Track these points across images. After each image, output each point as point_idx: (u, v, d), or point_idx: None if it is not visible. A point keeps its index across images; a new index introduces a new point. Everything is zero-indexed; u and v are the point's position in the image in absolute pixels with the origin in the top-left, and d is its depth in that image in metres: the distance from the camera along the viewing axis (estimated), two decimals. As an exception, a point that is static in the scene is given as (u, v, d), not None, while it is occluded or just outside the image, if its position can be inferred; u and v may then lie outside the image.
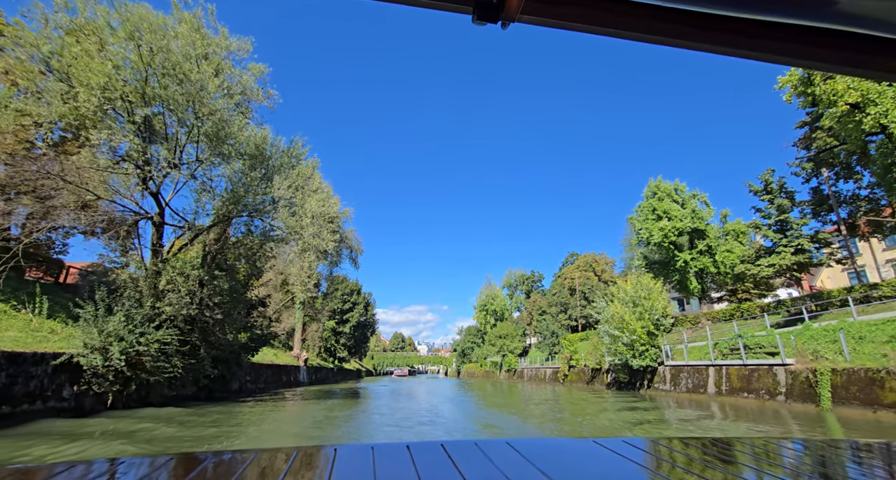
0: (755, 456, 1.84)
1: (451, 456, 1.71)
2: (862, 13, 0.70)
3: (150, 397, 15.95)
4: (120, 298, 15.28)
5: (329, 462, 1.62)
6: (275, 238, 18.13)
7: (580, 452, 1.90)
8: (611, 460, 1.73)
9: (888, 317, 18.52)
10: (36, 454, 7.83)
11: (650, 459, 1.77)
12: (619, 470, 1.61)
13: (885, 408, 15.06)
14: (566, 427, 14.40)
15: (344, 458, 1.67)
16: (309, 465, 1.62)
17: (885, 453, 1.95)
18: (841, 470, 1.71)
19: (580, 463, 1.73)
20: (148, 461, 1.65)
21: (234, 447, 9.33)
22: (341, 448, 1.81)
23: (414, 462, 1.63)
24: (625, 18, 0.76)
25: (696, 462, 1.77)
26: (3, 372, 11.12)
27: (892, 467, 1.78)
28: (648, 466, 1.67)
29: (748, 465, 1.71)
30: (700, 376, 24.39)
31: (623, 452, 1.82)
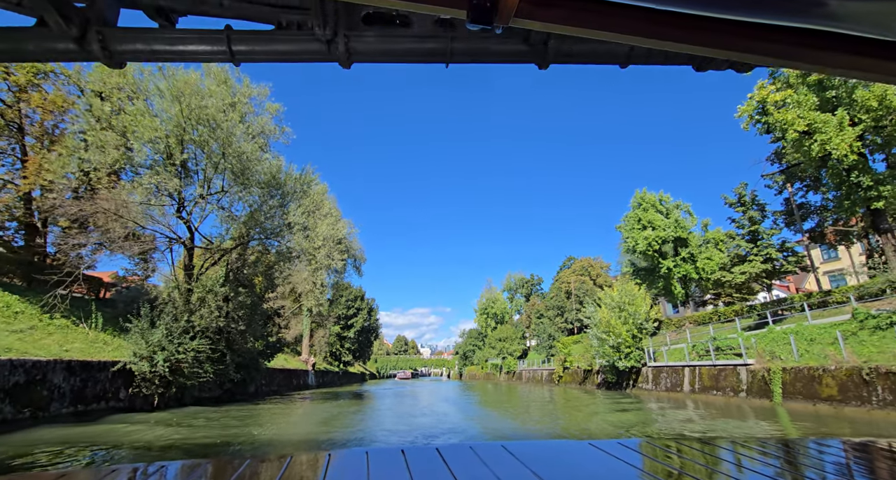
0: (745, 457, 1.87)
1: (446, 461, 1.72)
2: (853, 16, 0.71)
3: (184, 398, 18.63)
4: (160, 313, 17.97)
5: (323, 467, 1.64)
6: (289, 257, 20.84)
7: (575, 454, 1.93)
8: (605, 462, 1.74)
9: (836, 321, 21.01)
10: (147, 437, 10.50)
11: (645, 461, 1.78)
12: (613, 473, 1.62)
13: (822, 401, 17.58)
14: (553, 420, 16.99)
15: (338, 464, 1.69)
16: (302, 471, 1.63)
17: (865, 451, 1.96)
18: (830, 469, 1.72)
19: (575, 466, 1.75)
20: (141, 468, 1.68)
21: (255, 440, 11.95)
22: (335, 453, 1.84)
23: (409, 467, 1.65)
24: (613, 20, 0.78)
25: (690, 462, 1.79)
26: (78, 377, 13.84)
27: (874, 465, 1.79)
28: (643, 468, 1.68)
29: (739, 465, 1.75)
30: (677, 376, 26.91)
31: (618, 454, 1.84)
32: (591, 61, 4.98)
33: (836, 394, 17.12)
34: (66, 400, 13.28)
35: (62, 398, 13.18)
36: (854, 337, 19.04)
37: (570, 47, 4.67)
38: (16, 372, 11.77)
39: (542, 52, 4.61)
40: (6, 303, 14.86)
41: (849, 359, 17.39)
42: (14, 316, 14.54)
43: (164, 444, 10.21)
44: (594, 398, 27.96)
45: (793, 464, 1.78)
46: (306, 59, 4.56)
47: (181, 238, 19.28)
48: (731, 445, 2.12)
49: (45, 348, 13.84)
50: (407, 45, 4.42)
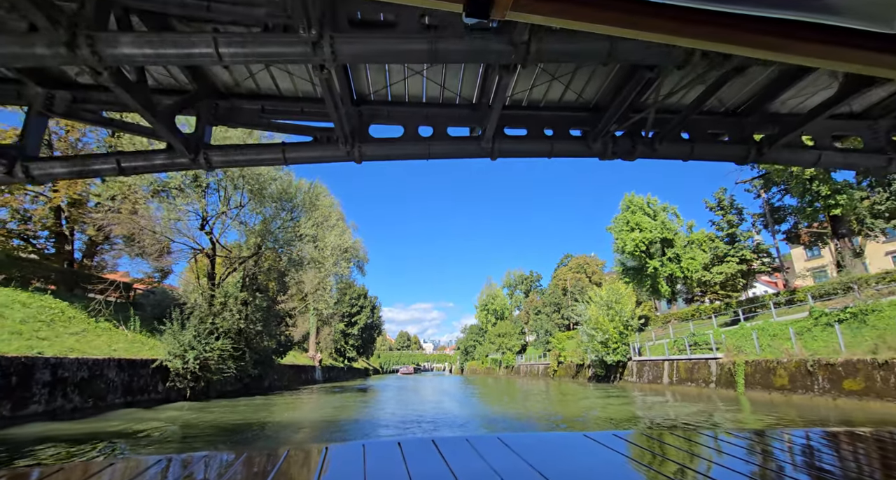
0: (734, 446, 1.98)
1: (441, 453, 1.79)
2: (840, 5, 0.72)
3: (210, 391, 21.24)
4: (188, 316, 20.53)
5: (319, 460, 1.72)
6: (300, 264, 23.35)
7: (569, 446, 2.02)
8: (599, 453, 1.82)
9: (796, 319, 23.39)
10: (190, 421, 13.06)
11: (637, 451, 1.88)
12: (606, 463, 1.71)
13: (776, 390, 20.05)
14: (545, 407, 19.54)
15: (334, 456, 1.77)
16: (299, 463, 1.70)
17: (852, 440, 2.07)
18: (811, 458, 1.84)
19: (569, 457, 1.83)
20: (139, 461, 1.76)
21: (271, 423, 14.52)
22: (332, 446, 1.91)
23: (404, 459, 1.72)
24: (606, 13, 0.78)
25: (682, 451, 1.89)
26: (126, 373, 16.44)
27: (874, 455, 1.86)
28: (635, 457, 1.77)
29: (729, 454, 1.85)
30: (658, 369, 29.42)
31: (611, 444, 1.92)
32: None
33: (787, 384, 19.59)
34: (118, 392, 15.89)
35: (115, 390, 15.78)
36: (809, 332, 21.43)
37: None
38: (82, 369, 14.36)
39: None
40: (61, 309, 17.41)
41: (799, 353, 19.83)
42: (69, 321, 17.10)
43: (206, 425, 12.76)
44: (585, 389, 30.51)
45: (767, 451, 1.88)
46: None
47: (204, 248, 21.80)
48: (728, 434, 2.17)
49: (98, 348, 16.42)
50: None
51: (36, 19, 3.99)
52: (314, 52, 4.59)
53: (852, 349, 17.85)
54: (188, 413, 15.18)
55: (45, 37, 4.08)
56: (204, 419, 14.17)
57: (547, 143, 7.01)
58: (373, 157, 6.87)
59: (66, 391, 13.68)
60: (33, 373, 12.65)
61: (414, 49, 4.70)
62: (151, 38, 4.48)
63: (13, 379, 12.04)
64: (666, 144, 6.90)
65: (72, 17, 4.20)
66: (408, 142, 6.95)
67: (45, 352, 13.52)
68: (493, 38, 4.61)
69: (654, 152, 6.86)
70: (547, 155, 7.06)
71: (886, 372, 15.77)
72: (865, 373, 16.49)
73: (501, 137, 6.92)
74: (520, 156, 7.19)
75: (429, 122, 6.94)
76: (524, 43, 4.54)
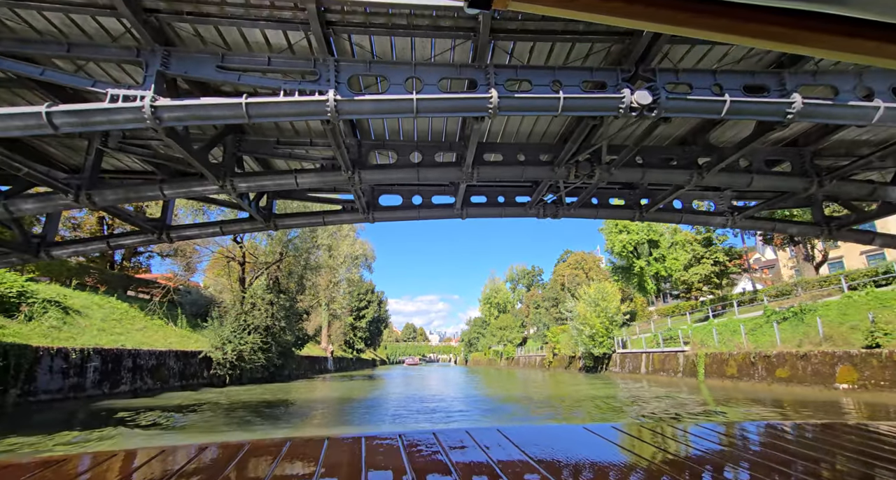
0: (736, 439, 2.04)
1: (442, 445, 1.81)
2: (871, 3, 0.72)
3: (242, 378, 25.37)
4: (224, 314, 24.59)
5: (319, 451, 1.74)
6: (317, 268, 27.26)
7: (569, 438, 2.05)
8: (599, 445, 1.85)
9: (754, 316, 26.86)
10: (236, 399, 17.06)
11: (638, 443, 1.88)
12: (606, 455, 1.72)
13: (727, 379, 23.70)
14: (541, 392, 23.43)
15: (335, 447, 1.80)
16: (300, 454, 1.73)
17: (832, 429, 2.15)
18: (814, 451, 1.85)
19: (569, 449, 1.85)
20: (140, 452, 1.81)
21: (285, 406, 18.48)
22: (332, 437, 1.95)
23: (404, 451, 1.74)
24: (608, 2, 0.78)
25: (682, 444, 1.91)
26: (181, 362, 20.52)
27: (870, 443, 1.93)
28: (636, 450, 1.77)
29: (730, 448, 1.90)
30: (637, 360, 33.15)
31: (611, 437, 1.95)
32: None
33: (736, 373, 23.24)
34: (176, 377, 20.00)
35: (174, 376, 19.89)
36: (760, 329, 24.97)
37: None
38: (151, 358, 18.43)
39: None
40: (124, 310, 21.48)
41: (746, 347, 23.45)
42: (132, 319, 21.17)
43: (250, 400, 16.71)
44: (575, 377, 34.38)
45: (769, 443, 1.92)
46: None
47: (236, 258, 25.78)
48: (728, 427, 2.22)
49: (158, 341, 20.50)
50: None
51: (205, 173, 7.72)
52: (349, 180, 8.34)
53: (785, 343, 21.41)
54: (233, 394, 19.23)
55: (210, 181, 7.82)
56: (247, 396, 18.20)
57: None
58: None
59: (142, 375, 17.78)
60: (121, 361, 16.72)
61: (410, 169, 8.38)
62: (262, 176, 8.32)
63: (110, 365, 16.11)
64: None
65: (221, 167, 7.96)
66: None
67: (125, 345, 17.58)
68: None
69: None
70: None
71: (805, 362, 19.39)
72: (791, 363, 20.11)
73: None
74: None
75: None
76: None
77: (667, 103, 6.28)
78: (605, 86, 6.42)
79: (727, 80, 6.40)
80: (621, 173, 8.61)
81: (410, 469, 1.53)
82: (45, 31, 5.93)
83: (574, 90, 6.34)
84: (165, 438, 9.57)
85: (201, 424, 11.79)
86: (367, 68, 6.30)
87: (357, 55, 6.59)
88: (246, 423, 11.89)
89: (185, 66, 5.95)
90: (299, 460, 1.66)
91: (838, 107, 6.18)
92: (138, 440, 9.24)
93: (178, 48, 6.11)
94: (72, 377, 14.41)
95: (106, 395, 15.66)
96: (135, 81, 6.29)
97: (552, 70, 6.45)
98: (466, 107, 6.35)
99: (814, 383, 18.68)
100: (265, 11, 5.77)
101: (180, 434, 10.28)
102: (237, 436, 10.07)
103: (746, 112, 6.39)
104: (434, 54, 6.66)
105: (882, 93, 6.26)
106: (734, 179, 8.58)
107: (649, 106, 6.20)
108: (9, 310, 14.61)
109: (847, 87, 6.28)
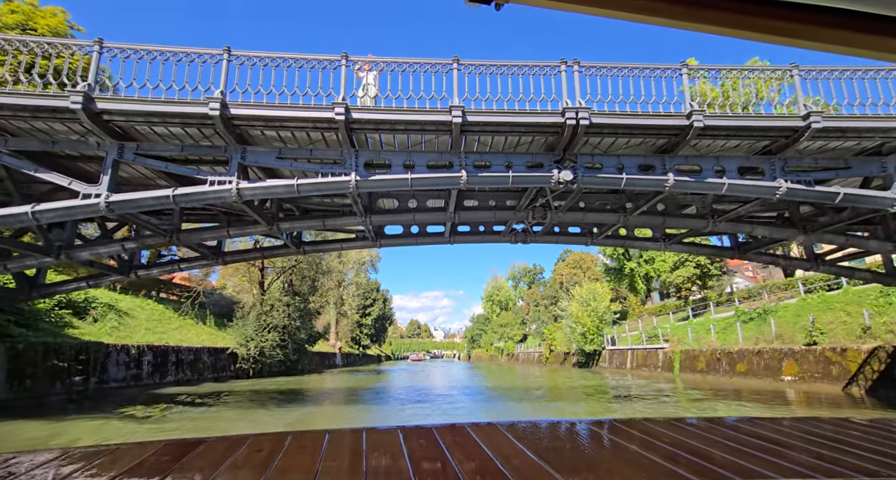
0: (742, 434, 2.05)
1: (441, 440, 1.84)
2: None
3: (262, 372, 28.64)
4: (246, 315, 27.82)
5: (320, 445, 1.77)
6: (328, 272, 30.38)
7: (570, 434, 2.06)
8: (600, 440, 1.87)
9: (727, 316, 29.66)
10: (263, 389, 20.28)
11: (639, 439, 1.88)
12: (607, 451, 1.73)
13: (698, 373, 26.62)
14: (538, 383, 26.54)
15: (336, 442, 1.82)
16: (301, 448, 1.76)
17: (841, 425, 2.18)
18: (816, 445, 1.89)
19: (568, 444, 1.88)
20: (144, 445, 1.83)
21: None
22: (333, 432, 1.98)
23: (404, 445, 1.77)
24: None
25: (684, 441, 1.91)
26: (213, 357, 23.79)
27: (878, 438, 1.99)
28: (637, 446, 1.77)
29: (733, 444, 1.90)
30: (623, 357, 36.13)
31: (612, 432, 1.96)
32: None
33: (705, 368, 26.18)
34: (209, 370, 23.29)
35: (208, 369, 23.17)
36: (730, 328, 27.81)
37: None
38: (189, 353, 21.70)
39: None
40: (161, 310, 24.76)
41: (715, 344, 26.34)
42: (169, 319, 24.44)
43: (274, 389, 19.88)
44: (568, 372, 37.46)
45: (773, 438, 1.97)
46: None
47: (256, 264, 28.94)
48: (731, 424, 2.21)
49: (192, 339, 23.75)
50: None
51: (258, 220, 10.78)
52: (363, 222, 11.42)
53: (746, 341, 24.29)
54: (261, 385, 22.47)
55: (262, 225, 10.90)
56: (274, 386, 21.42)
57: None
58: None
59: (183, 368, 21.05)
60: (167, 356, 19.98)
61: (408, 213, 11.50)
62: (299, 219, 11.44)
63: (159, 359, 19.37)
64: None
65: (269, 214, 11.04)
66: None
67: (168, 342, 20.84)
68: None
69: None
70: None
71: (759, 358, 22.29)
72: (748, 359, 23.02)
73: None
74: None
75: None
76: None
77: (583, 180, 9.26)
78: (542, 165, 9.42)
79: (627, 161, 9.38)
80: (567, 216, 11.58)
81: (410, 462, 1.55)
82: (164, 135, 9.01)
83: (520, 169, 9.36)
84: (225, 414, 12.72)
85: (250, 404, 14.93)
86: (377, 155, 9.37)
87: (371, 145, 9.61)
88: (283, 403, 15.08)
89: (256, 158, 9.01)
90: (301, 452, 1.70)
91: (699, 183, 9.13)
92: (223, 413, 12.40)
93: (251, 146, 9.15)
94: (132, 369, 17.65)
95: (157, 384, 18.92)
96: (224, 169, 9.35)
97: (506, 154, 9.49)
98: (444, 183, 9.37)
99: (765, 376, 21.59)
100: (311, 122, 8.79)
101: (233, 410, 13.42)
102: (279, 412, 13.21)
103: (638, 184, 9.37)
104: (423, 141, 9.66)
105: (730, 171, 9.21)
106: (651, 220, 11.54)
107: (571, 181, 9.17)
108: (79, 313, 17.84)
109: (708, 167, 9.23)
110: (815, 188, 8.98)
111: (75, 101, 7.65)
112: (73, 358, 14.80)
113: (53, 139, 8.66)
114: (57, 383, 14.18)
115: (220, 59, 8.50)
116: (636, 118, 8.77)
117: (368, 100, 9.25)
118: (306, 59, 8.74)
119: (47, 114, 7.95)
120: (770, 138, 9.13)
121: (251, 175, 9.65)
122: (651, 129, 8.92)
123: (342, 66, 8.79)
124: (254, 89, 8.56)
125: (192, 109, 8.19)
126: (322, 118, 8.62)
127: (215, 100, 8.04)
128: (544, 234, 13.60)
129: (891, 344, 16.47)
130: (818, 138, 8.88)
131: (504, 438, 1.87)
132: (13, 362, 12.81)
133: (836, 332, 19.87)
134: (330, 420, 12.97)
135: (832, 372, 18.38)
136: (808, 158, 9.44)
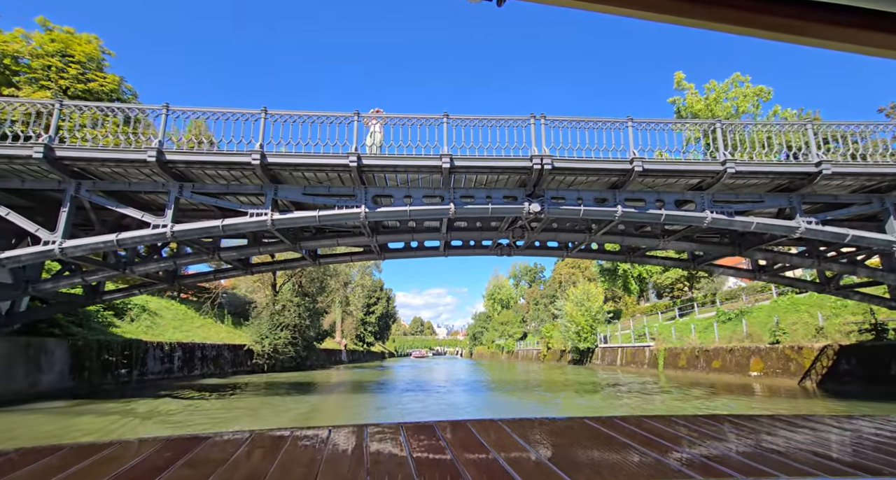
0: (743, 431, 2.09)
1: (442, 436, 1.87)
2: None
3: (276, 367, 31.17)
4: (260, 314, 30.31)
5: (322, 442, 1.79)
6: (335, 275, 32.80)
7: (571, 430, 2.08)
8: (600, 437, 1.88)
9: (709, 316, 31.82)
10: (276, 381, 22.76)
11: (640, 436, 1.90)
12: (607, 448, 1.74)
13: (679, 369, 28.89)
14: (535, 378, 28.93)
15: (337, 439, 1.84)
16: (303, 444, 1.79)
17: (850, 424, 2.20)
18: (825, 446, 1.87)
19: (571, 442, 1.89)
20: (144, 441, 1.84)
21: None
22: (334, 428, 2.00)
23: (405, 442, 1.79)
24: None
25: (688, 438, 1.93)
26: (233, 353, 26.31)
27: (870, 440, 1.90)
28: (637, 443, 1.79)
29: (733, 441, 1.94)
30: (614, 354, 38.42)
31: (613, 430, 1.98)
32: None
33: (685, 364, 28.44)
34: (229, 365, 25.82)
35: (228, 364, 25.69)
36: (711, 327, 29.98)
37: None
38: (212, 350, 24.21)
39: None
40: (184, 310, 27.27)
41: (695, 343, 28.56)
42: (191, 319, 26.95)
43: (290, 381, 22.32)
44: (563, 369, 39.83)
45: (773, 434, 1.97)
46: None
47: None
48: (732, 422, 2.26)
49: (213, 337, 26.26)
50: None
51: (284, 240, 13.16)
52: (370, 241, 13.80)
53: (722, 340, 26.51)
54: (273, 378, 24.97)
55: (287, 245, 13.27)
56: (290, 380, 23.89)
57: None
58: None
59: (207, 363, 23.58)
60: (194, 352, 22.50)
61: (407, 233, 13.88)
62: (317, 239, 13.86)
63: (187, 355, 21.88)
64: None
65: (293, 235, 13.43)
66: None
67: (194, 340, 23.34)
68: None
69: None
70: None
71: (731, 356, 24.54)
72: (722, 356, 25.26)
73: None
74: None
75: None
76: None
77: (549, 211, 11.56)
78: (516, 198, 11.73)
79: (585, 194, 11.68)
80: (542, 235, 13.94)
81: (411, 458, 1.56)
82: (213, 176, 11.37)
83: (498, 201, 11.69)
84: (250, 401, 15.16)
85: (269, 393, 17.37)
86: (383, 190, 11.71)
87: (377, 182, 11.94)
88: (298, 392, 17.52)
89: (286, 193, 11.37)
90: (303, 448, 1.72)
91: (641, 213, 11.42)
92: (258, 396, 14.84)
93: (281, 183, 11.51)
94: (166, 363, 20.15)
95: (186, 377, 21.44)
96: (259, 201, 11.70)
97: (487, 189, 11.82)
98: (436, 214, 11.72)
99: (736, 372, 23.84)
100: (329, 167, 11.12)
101: (257, 398, 15.85)
102: (296, 399, 15.63)
103: (593, 214, 11.67)
104: (420, 178, 11.97)
105: (669, 204, 11.49)
106: (613, 238, 13.90)
107: (539, 212, 11.48)
108: (118, 314, 20.35)
109: (651, 200, 11.51)
110: (736, 218, 11.25)
111: (151, 155, 10.03)
112: (119, 353, 17.29)
113: (129, 180, 11.06)
114: (108, 375, 16.67)
115: (258, 116, 10.86)
116: (590, 163, 11.05)
117: (375, 148, 11.58)
118: (326, 116, 11.08)
119: (128, 163, 10.33)
120: (699, 177, 11.39)
121: (280, 204, 12.01)
122: (602, 171, 11.20)
123: (354, 121, 11.12)
124: (285, 141, 10.92)
125: (237, 159, 10.55)
126: (338, 164, 10.95)
127: (256, 153, 10.40)
128: (526, 248, 15.93)
129: (838, 343, 18.69)
130: (736, 178, 11.13)
131: (505, 434, 1.90)
132: (75, 357, 15.29)
133: (797, 332, 22.09)
134: (339, 405, 15.37)
135: (791, 368, 20.62)
136: (730, 193, 11.70)
